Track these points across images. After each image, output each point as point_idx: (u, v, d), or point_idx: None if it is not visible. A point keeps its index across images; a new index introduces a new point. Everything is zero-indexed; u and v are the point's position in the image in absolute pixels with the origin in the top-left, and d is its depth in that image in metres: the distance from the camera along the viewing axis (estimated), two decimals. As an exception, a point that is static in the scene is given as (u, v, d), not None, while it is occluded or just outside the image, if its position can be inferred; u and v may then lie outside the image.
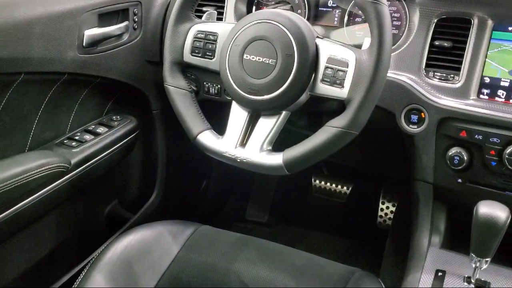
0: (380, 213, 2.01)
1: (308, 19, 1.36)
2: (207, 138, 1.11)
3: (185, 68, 1.17)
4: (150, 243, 1.13)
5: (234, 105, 1.10)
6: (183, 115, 1.13)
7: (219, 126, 1.15)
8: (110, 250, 1.10)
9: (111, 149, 1.41)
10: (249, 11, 1.44)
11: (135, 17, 1.44)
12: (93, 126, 1.44)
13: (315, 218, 2.13)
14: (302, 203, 2.20)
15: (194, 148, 1.14)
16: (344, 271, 1.10)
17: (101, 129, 1.42)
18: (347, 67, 0.99)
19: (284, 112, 1.06)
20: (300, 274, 1.07)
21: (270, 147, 1.07)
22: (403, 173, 1.37)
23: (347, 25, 1.34)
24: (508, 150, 1.11)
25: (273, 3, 1.42)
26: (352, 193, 2.09)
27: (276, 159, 1.03)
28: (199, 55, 1.13)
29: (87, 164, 1.32)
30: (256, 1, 1.44)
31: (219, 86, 1.39)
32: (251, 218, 2.14)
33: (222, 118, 1.14)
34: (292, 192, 2.20)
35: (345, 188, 2.10)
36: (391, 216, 1.96)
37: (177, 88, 1.14)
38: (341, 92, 0.99)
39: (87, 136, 1.38)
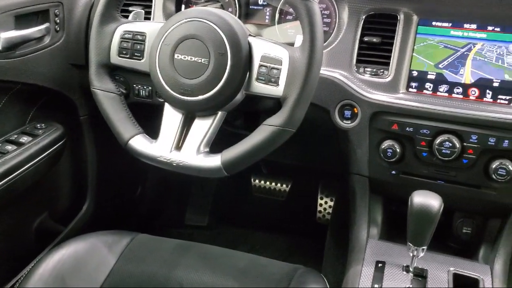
0: (319, 208, 2.04)
1: (239, 18, 1.34)
2: (140, 143, 1.06)
3: (112, 71, 1.11)
4: (84, 256, 1.07)
5: (167, 107, 1.06)
6: (113, 120, 1.08)
7: (152, 130, 1.10)
8: (41, 266, 1.03)
9: (37, 160, 1.33)
10: (178, 10, 1.40)
11: (56, 18, 1.36)
12: (16, 136, 1.34)
13: (256, 218, 2.12)
14: (242, 203, 2.19)
15: (126, 154, 1.09)
16: (287, 269, 1.09)
17: (24, 139, 1.33)
18: (281, 65, 0.98)
19: (220, 113, 1.03)
20: (242, 276, 1.05)
21: (207, 149, 1.04)
22: (339, 168, 1.39)
23: (279, 23, 1.33)
24: (437, 141, 1.15)
25: (203, 1, 1.40)
26: (291, 190, 2.11)
27: (214, 161, 1.01)
28: (127, 56, 1.08)
29: (10, 177, 1.23)
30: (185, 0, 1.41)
31: (150, 88, 1.34)
32: (190, 223, 2.10)
33: (155, 122, 1.10)
34: (232, 194, 2.18)
35: (284, 186, 2.11)
36: (330, 210, 1.99)
37: (105, 92, 1.09)
38: (277, 90, 0.99)
39: (9, 147, 1.28)
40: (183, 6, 1.41)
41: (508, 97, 1.14)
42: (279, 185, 2.11)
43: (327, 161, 1.75)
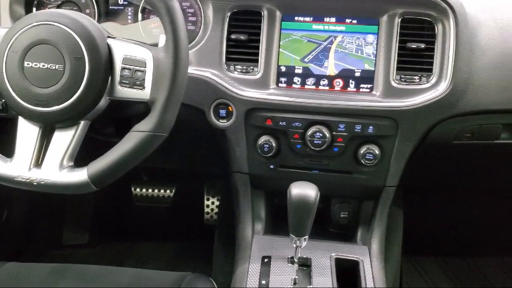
0: (206, 209, 2.01)
1: (98, 18, 1.26)
2: None
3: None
4: None
5: (21, 121, 0.96)
6: None
7: (7, 148, 0.99)
8: None
9: None
10: (28, 13, 1.27)
11: None
12: None
13: (141, 229, 2.04)
14: (124, 215, 2.08)
15: None
16: (174, 278, 1.06)
17: None
18: (145, 67, 0.93)
19: (82, 122, 0.96)
20: None
21: (71, 163, 0.96)
22: (222, 167, 1.38)
23: (143, 22, 1.28)
24: (309, 132, 1.19)
25: (56, 3, 1.28)
26: (176, 195, 2.05)
27: (80, 175, 0.93)
28: None
29: None
30: (36, 1, 1.28)
31: (3, 100, 1.21)
32: (69, 242, 1.96)
33: (10, 138, 0.98)
34: (112, 206, 2.07)
35: (168, 191, 2.05)
36: (218, 211, 1.98)
37: None
38: (143, 94, 0.94)
39: None
40: (34, 9, 1.28)
41: (369, 86, 1.21)
42: (162, 191, 2.05)
43: (209, 162, 1.74)
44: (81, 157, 0.98)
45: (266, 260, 1.18)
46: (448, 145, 1.27)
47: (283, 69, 1.23)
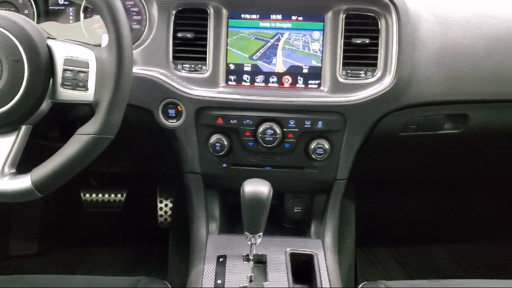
0: (159, 212, 1.98)
1: (38, 19, 1.22)
2: None
3: None
4: None
5: None
6: None
7: None
8: None
9: None
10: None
11: None
12: None
13: (93, 235, 1.98)
14: (74, 222, 2.02)
15: None
16: (128, 283, 1.04)
17: None
18: (88, 68, 0.91)
19: (24, 127, 0.92)
20: None
21: (13, 170, 0.92)
22: (174, 168, 1.36)
23: (85, 22, 1.24)
24: (260, 130, 1.19)
25: (-8, 4, 1.23)
26: (127, 199, 2.01)
27: (23, 182, 0.89)
28: None
29: None
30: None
31: None
32: (16, 253, 1.87)
33: None
34: (62, 213, 2.00)
35: (119, 195, 2.01)
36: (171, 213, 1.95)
37: None
38: (87, 95, 0.91)
39: None
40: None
41: (317, 81, 1.22)
42: (113, 195, 2.00)
43: (161, 163, 1.71)
44: (25, 163, 0.94)
45: (221, 259, 1.17)
46: (394, 137, 1.31)
47: (232, 67, 1.22)
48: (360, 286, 1.11)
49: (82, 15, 1.23)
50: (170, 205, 1.98)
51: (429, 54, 1.22)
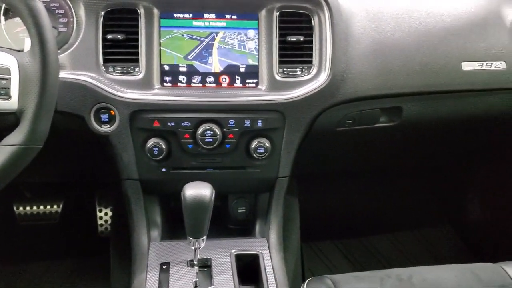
0: (99, 221, 1.91)
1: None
2: None
3: None
4: None
5: None
6: None
7: None
8: None
9: None
10: None
11: None
12: None
13: (30, 250, 1.87)
14: (8, 237, 1.90)
15: None
16: None
17: None
18: (10, 74, 0.85)
19: None
20: None
21: None
22: (111, 175, 1.31)
23: (6, 25, 1.16)
24: (199, 131, 1.17)
25: None
26: (64, 209, 1.92)
27: None
28: None
29: None
30: None
31: None
32: None
33: None
34: None
35: (55, 206, 1.91)
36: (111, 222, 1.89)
37: None
38: (10, 104, 0.86)
39: None
40: None
41: (254, 80, 1.22)
42: (48, 207, 1.90)
43: (97, 171, 1.64)
44: None
45: (164, 266, 1.14)
46: (332, 132, 1.33)
47: (166, 68, 1.19)
48: (306, 283, 1.12)
49: (2, 18, 1.15)
50: (110, 213, 1.91)
51: (362, 50, 1.25)
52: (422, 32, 1.30)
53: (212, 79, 1.21)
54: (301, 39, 1.21)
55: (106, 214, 1.91)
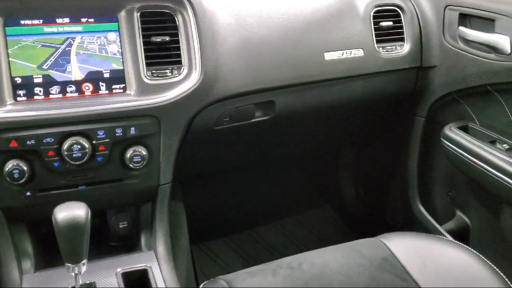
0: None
1: None
2: None
3: None
4: None
5: None
6: None
7: None
8: None
9: None
10: None
11: None
12: None
13: None
14: None
15: None
16: None
17: None
18: None
19: None
20: None
21: None
22: None
23: None
24: (65, 147, 1.06)
25: None
26: None
27: None
28: None
29: None
30: None
31: None
32: None
33: None
34: None
35: None
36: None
37: None
38: None
39: None
40: None
41: (121, 85, 1.14)
42: None
43: None
44: None
45: (43, 299, 1.03)
46: (211, 131, 1.31)
47: (18, 80, 1.06)
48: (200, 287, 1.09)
49: None
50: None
51: (230, 47, 1.24)
52: (285, 26, 1.33)
53: (73, 88, 1.11)
54: (167, 39, 1.16)
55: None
